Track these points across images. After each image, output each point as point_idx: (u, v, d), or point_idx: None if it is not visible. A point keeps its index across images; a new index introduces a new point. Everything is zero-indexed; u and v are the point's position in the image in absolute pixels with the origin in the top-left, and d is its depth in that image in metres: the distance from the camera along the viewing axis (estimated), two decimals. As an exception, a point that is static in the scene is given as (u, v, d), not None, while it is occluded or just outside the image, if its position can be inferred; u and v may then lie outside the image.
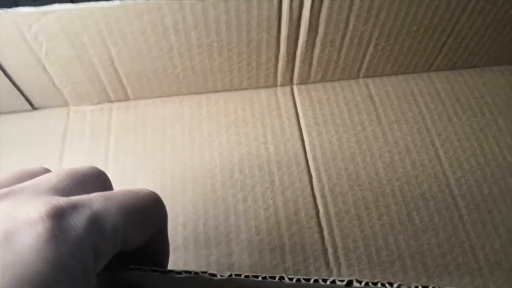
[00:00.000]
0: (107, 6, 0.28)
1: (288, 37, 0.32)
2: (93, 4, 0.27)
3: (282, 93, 0.37)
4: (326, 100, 0.36)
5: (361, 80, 0.38)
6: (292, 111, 0.36)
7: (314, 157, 0.33)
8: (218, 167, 0.33)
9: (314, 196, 0.31)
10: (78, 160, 0.33)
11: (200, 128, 0.35)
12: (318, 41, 0.33)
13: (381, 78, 0.38)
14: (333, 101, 0.36)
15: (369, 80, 0.38)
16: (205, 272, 0.19)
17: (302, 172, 0.32)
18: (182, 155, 0.33)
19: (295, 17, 0.31)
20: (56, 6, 0.27)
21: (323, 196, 0.31)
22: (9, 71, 0.31)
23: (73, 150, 0.33)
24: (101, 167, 0.33)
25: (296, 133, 0.34)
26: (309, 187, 0.32)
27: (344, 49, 0.34)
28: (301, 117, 0.35)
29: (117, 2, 0.27)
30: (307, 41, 0.33)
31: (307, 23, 0.31)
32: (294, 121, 0.35)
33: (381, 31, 0.33)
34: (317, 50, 0.34)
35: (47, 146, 0.33)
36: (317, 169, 0.33)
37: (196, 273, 0.19)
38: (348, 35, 0.33)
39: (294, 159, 0.33)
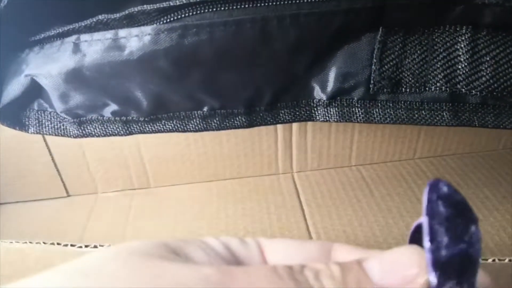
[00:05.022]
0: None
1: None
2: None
3: (283, 178, 0.42)
4: (323, 182, 0.41)
5: (353, 167, 0.43)
6: (292, 190, 0.40)
7: (314, 224, 0.36)
8: (224, 232, 0.35)
9: (314, 254, 0.33)
10: (99, 230, 0.36)
11: (210, 204, 0.39)
12: (309, 128, 0.40)
13: (372, 165, 0.43)
14: (329, 182, 0.41)
15: (361, 167, 0.43)
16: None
17: (303, 235, 0.35)
18: (192, 224, 0.36)
19: (287, 105, 0.38)
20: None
21: (323, 253, 0.33)
22: (55, 157, 0.38)
23: (96, 222, 0.37)
24: (118, 236, 0.36)
25: (297, 205, 0.38)
26: (309, 247, 0.33)
27: (333, 135, 0.40)
28: (301, 193, 0.39)
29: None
30: (299, 127, 0.39)
31: (298, 111, 0.38)
32: (294, 196, 0.39)
33: (361, 117, 0.40)
34: (309, 136, 0.40)
35: (74, 219, 0.37)
36: (317, 232, 0.35)
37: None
38: (334, 122, 0.40)
39: (295, 225, 0.36)
